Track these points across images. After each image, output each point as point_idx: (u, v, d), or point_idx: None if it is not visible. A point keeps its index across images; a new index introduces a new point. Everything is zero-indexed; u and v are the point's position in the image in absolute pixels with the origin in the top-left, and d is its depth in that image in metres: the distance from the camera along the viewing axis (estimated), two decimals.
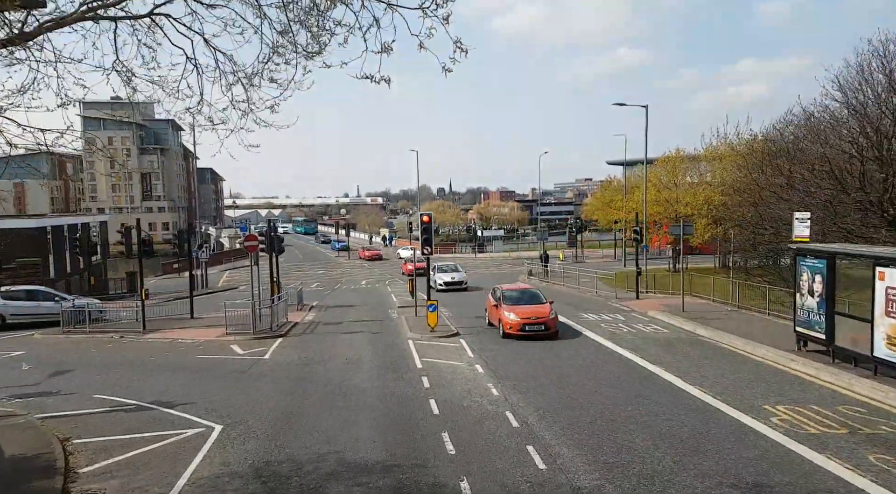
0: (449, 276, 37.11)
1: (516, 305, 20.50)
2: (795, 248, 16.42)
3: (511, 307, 20.22)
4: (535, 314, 19.71)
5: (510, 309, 20.09)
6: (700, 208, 38.38)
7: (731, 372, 14.90)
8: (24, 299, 26.20)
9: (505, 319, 19.80)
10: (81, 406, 13.61)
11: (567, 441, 10.37)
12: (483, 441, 10.44)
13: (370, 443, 10.53)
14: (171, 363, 18.05)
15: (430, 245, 23.06)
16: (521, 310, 19.96)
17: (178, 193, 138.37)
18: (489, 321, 22.31)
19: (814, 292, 15.46)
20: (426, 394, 13.55)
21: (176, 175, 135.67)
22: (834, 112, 19.91)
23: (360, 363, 17.10)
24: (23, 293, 26.75)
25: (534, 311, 20.00)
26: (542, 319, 19.59)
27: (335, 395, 13.78)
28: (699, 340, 19.10)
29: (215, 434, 11.35)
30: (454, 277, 37.19)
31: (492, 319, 21.77)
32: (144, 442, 10.97)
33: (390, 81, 5.99)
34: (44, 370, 17.46)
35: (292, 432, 11.28)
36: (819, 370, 14.41)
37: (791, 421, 11.07)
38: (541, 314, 19.80)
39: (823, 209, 19.51)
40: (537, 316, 19.65)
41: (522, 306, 20.36)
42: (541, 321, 19.50)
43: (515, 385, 14.15)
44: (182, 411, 12.90)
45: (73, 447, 11.04)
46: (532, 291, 22.26)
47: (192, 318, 26.34)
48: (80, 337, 22.77)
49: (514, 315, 19.68)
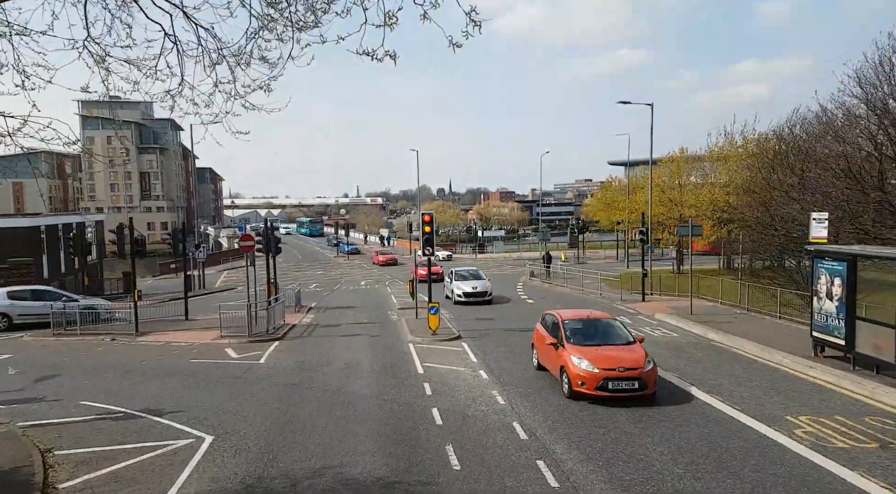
0: (469, 285, 29.88)
1: (587, 344, 13.54)
2: (813, 250, 15.76)
3: (580, 349, 13.25)
4: (621, 362, 12.63)
5: (580, 352, 13.06)
6: (706, 209, 37.76)
7: (748, 379, 14.24)
8: (30, 300, 25.59)
9: (573, 368, 12.80)
10: (67, 414, 12.96)
11: (579, 455, 9.71)
12: (490, 456, 9.79)
13: (370, 457, 9.88)
14: (163, 367, 17.39)
15: (432, 245, 22.39)
16: (596, 354, 12.97)
17: (178, 192, 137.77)
18: (538, 362, 15.54)
19: (832, 295, 14.81)
20: (428, 402, 12.90)
21: (175, 175, 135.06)
22: (850, 108, 19.28)
23: (359, 368, 16.45)
24: (29, 293, 26.16)
25: (618, 356, 12.89)
26: (634, 370, 12.46)
27: (333, 403, 13.13)
28: (711, 344, 18.45)
29: (205, 445, 10.70)
30: (476, 286, 29.77)
31: (545, 361, 14.98)
32: (130, 454, 10.33)
33: (396, 57, 5.33)
34: (30, 375, 16.80)
35: (287, 444, 10.63)
36: (839, 377, 13.77)
37: (816, 434, 10.42)
38: (631, 362, 12.65)
39: (836, 209, 18.88)
40: (626, 365, 12.56)
41: (598, 347, 13.41)
42: (632, 374, 12.39)
43: (521, 393, 13.50)
44: (171, 419, 12.26)
45: (54, 459, 10.41)
46: (608, 321, 14.95)
47: (186, 320, 25.68)
48: (71, 340, 22.09)
49: (586, 363, 12.69)
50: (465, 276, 31.05)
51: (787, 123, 27.66)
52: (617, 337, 14.16)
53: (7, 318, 25.11)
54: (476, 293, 29.33)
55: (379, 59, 5.43)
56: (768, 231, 23.88)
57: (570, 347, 13.45)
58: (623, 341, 13.96)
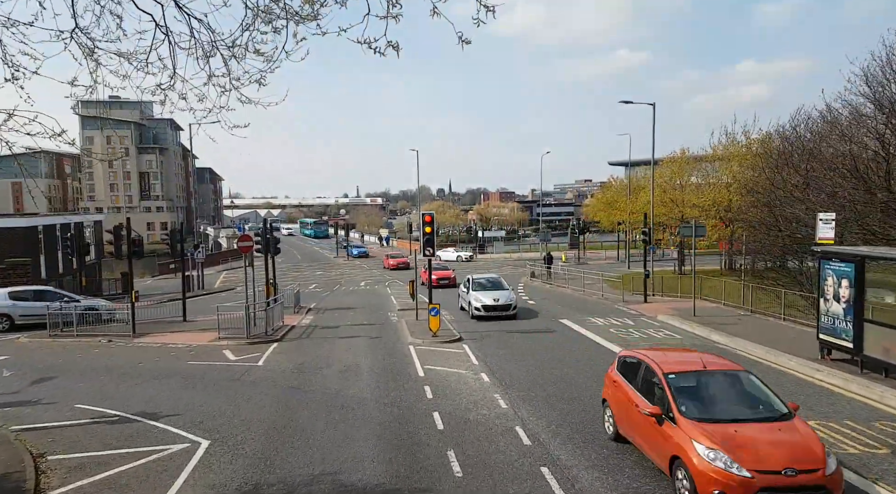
0: (490, 296, 24.87)
1: (715, 419, 8.29)
2: (820, 251, 15.53)
3: (706, 428, 8.04)
4: (784, 456, 7.53)
5: (708, 436, 7.87)
6: (708, 209, 37.54)
7: None
8: (32, 300, 25.34)
9: (700, 465, 7.61)
10: (61, 418, 12.73)
11: (584, 462, 9.47)
12: (493, 462, 9.55)
13: (369, 463, 9.64)
14: (160, 369, 17.14)
15: (433, 246, 22.07)
16: (737, 440, 7.78)
17: (177, 192, 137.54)
18: (615, 428, 10.29)
19: (839, 297, 14.58)
20: (429, 406, 12.66)
21: (175, 175, 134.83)
22: (857, 107, 19.02)
23: (359, 371, 16.21)
24: (31, 294, 25.92)
25: (776, 442, 7.81)
26: (813, 473, 7.39)
27: (332, 407, 12.89)
28: (715, 347, 18.19)
29: (201, 450, 10.46)
30: (498, 298, 24.77)
31: (627, 428, 9.82)
32: (124, 460, 10.09)
33: (399, 48, 5.07)
34: (26, 377, 16.55)
35: (284, 449, 10.39)
36: (847, 381, 13.53)
37: (827, 440, 10.17)
38: (803, 456, 7.59)
39: (841, 209, 18.63)
40: (797, 465, 7.43)
41: (735, 425, 8.12)
42: (812, 481, 7.35)
43: (523, 396, 13.27)
44: (167, 423, 12.02)
45: (46, 464, 10.17)
46: (736, 373, 9.35)
47: (184, 321, 25.43)
48: (68, 341, 21.84)
49: (724, 458, 7.51)
50: (484, 285, 26.10)
51: (790, 122, 27.47)
52: (757, 404, 8.79)
53: (9, 319, 24.85)
54: (498, 306, 24.44)
55: (381, 53, 5.18)
56: (772, 232, 23.63)
57: (687, 424, 8.12)
58: (770, 412, 8.56)
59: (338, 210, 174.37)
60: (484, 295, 25.07)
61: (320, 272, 56.38)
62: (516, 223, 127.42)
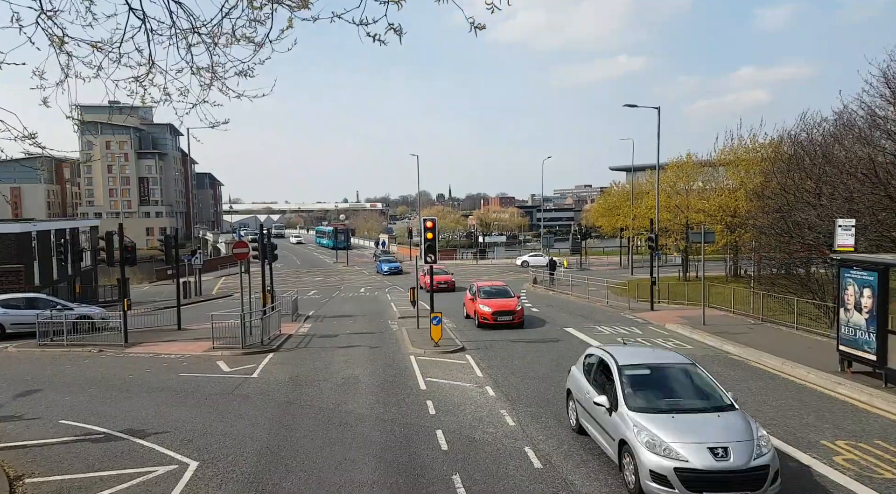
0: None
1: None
2: (839, 258, 14.88)
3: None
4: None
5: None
6: (714, 214, 36.88)
7: (774, 398, 13.32)
8: (24, 308, 24.65)
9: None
10: (44, 435, 12.02)
11: (602, 488, 8.79)
12: (501, 489, 8.85)
13: (368, 489, 8.94)
14: (151, 382, 16.44)
15: (434, 253, 21.38)
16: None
17: (177, 197, 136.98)
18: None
19: (861, 307, 13.92)
20: (432, 423, 11.97)
21: (174, 180, 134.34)
22: (875, 109, 18.36)
23: (358, 384, 15.51)
24: (23, 301, 25.24)
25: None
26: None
27: (329, 424, 12.19)
28: (728, 358, 17.53)
29: (189, 472, 9.77)
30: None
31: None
32: (106, 483, 9.40)
33: (401, 33, 4.44)
34: (9, 390, 15.84)
35: (278, 472, 9.70)
36: (872, 396, 12.85)
37: (859, 462, 9.50)
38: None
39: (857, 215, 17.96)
40: None
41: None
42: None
43: (532, 412, 12.58)
44: (155, 442, 11.32)
45: (23, 488, 9.48)
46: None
47: (178, 329, 24.73)
48: (57, 351, 21.12)
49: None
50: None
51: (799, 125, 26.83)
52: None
53: (0, 327, 24.19)
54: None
55: (382, 41, 4.55)
56: (783, 238, 22.96)
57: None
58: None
59: (337, 215, 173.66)
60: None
61: (320, 278, 55.68)
62: (516, 228, 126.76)
